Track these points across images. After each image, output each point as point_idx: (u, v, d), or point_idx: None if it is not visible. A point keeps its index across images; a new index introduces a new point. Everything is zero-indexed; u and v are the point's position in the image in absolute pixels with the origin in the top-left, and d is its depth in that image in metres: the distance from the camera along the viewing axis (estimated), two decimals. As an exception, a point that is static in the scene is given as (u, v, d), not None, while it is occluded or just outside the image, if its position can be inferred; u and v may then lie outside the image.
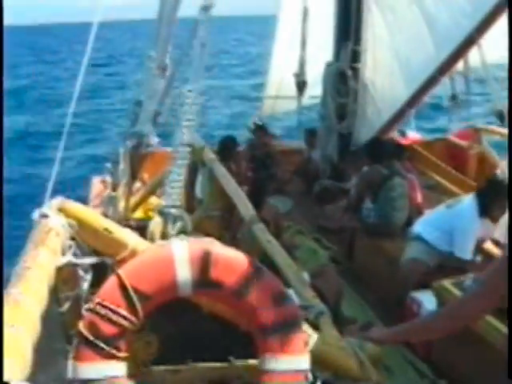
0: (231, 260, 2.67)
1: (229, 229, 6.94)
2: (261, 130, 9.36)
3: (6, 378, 1.63)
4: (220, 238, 2.92)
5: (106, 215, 5.11)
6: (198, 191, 6.65)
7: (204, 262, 2.62)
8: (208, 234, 3.08)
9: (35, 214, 2.78)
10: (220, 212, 6.92)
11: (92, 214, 2.96)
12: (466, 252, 5.23)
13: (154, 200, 7.96)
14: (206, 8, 3.76)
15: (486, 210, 5.22)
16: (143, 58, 5.93)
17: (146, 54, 5.96)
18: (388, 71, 7.63)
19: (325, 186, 7.94)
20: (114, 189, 7.10)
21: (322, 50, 8.67)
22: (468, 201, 5.36)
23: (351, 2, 7.68)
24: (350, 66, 7.81)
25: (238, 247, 2.79)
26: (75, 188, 10.15)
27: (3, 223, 3.13)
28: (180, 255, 2.59)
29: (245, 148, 9.14)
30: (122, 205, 6.50)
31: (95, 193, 8.08)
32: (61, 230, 2.67)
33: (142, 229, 3.40)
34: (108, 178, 7.99)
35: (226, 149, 7.93)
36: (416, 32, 7.11)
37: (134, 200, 6.59)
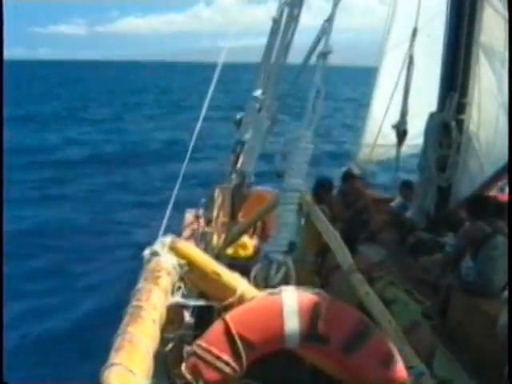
0: (341, 314, 2.58)
1: (320, 274, 6.84)
2: (353, 176, 9.25)
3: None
4: (311, 283, 2.84)
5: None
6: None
7: (313, 315, 2.55)
8: (300, 279, 3.02)
9: (146, 252, 2.77)
10: (313, 257, 6.84)
11: (202, 256, 2.93)
12: None
13: (245, 239, 7.99)
14: (323, 54, 3.73)
15: None
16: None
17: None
18: (494, 126, 7.39)
19: (420, 237, 7.71)
20: (208, 224, 7.15)
21: (424, 102, 8.53)
22: None
23: (459, 52, 7.47)
24: (455, 117, 7.58)
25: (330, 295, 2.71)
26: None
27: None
28: (289, 306, 2.54)
29: (337, 193, 9.04)
30: (214, 241, 6.51)
31: (187, 225, 8.15)
32: (171, 270, 2.64)
33: (232, 266, 3.33)
34: (201, 212, 8.08)
35: (322, 191, 7.85)
36: (528, 87, 6.87)
37: (226, 237, 6.59)
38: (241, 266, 4.80)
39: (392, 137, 9.47)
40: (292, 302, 2.53)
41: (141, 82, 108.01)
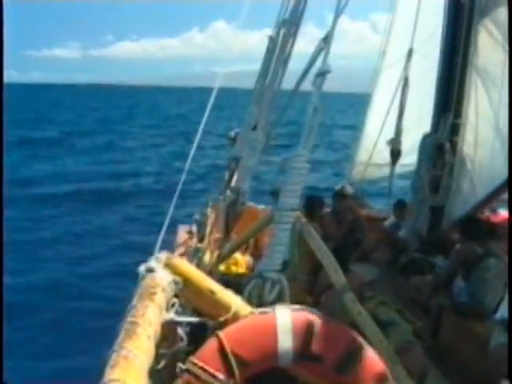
0: (334, 333, 2.60)
1: (312, 293, 6.85)
2: (345, 195, 9.27)
3: None
4: (303, 302, 2.85)
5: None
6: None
7: (307, 334, 2.56)
8: (292, 298, 3.03)
9: (142, 268, 2.78)
10: (305, 275, 6.84)
11: (197, 273, 2.95)
12: None
13: (237, 255, 8.01)
14: (321, 74, 3.76)
15: None
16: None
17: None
18: (488, 148, 7.44)
19: (412, 257, 7.74)
20: (201, 240, 7.15)
21: (418, 120, 8.60)
22: None
23: (454, 73, 7.56)
24: (449, 138, 7.64)
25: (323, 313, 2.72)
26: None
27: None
28: (283, 324, 2.55)
29: (329, 212, 9.05)
30: (207, 257, 6.52)
31: (180, 241, 8.15)
32: (166, 286, 2.66)
33: (224, 284, 3.33)
34: (194, 229, 8.08)
35: (313, 209, 7.86)
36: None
37: (218, 254, 6.60)
38: (233, 282, 4.81)
39: (386, 154, 9.51)
40: (286, 321, 2.54)
41: (138, 106, 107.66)
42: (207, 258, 6.41)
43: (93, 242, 16.33)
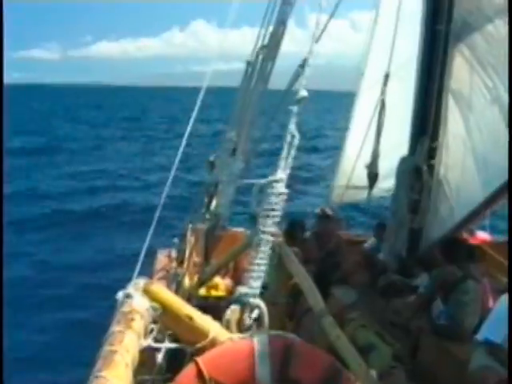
0: (312, 358, 2.62)
1: (292, 317, 6.85)
2: (328, 218, 9.30)
3: None
4: (283, 327, 2.87)
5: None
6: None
7: (284, 359, 2.58)
8: (271, 322, 3.04)
9: (120, 294, 2.79)
10: (285, 299, 6.84)
11: (175, 300, 2.96)
12: None
13: (217, 279, 7.99)
14: (298, 101, 3.80)
15: None
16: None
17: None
18: (463, 170, 7.53)
19: (391, 280, 7.77)
20: (180, 264, 7.14)
21: (395, 143, 8.67)
22: None
23: (431, 98, 7.66)
24: (426, 161, 7.72)
25: (301, 338, 2.74)
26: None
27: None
28: (260, 350, 2.57)
29: (310, 235, 9.09)
30: (186, 281, 6.51)
31: (159, 266, 8.12)
32: (144, 313, 2.67)
33: (203, 308, 3.34)
34: (174, 253, 8.07)
35: (294, 233, 7.88)
36: (495, 133, 7.03)
37: (198, 277, 6.61)
38: (212, 306, 4.81)
39: (364, 177, 9.57)
40: (263, 346, 2.56)
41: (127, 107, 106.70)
42: (187, 282, 6.41)
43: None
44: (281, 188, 3.56)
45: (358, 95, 10.35)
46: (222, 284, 8.24)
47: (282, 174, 3.58)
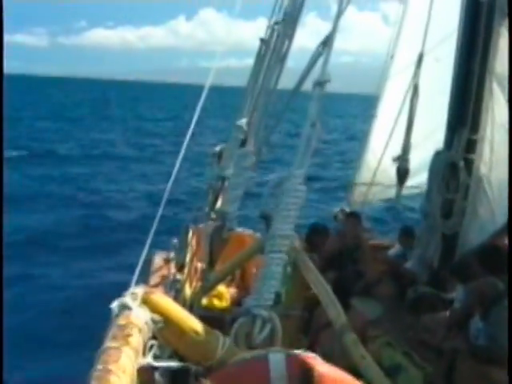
0: (335, 381, 2.61)
1: (308, 332, 6.84)
2: (353, 218, 9.25)
3: None
4: (297, 343, 2.88)
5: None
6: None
7: (303, 382, 2.57)
8: (284, 337, 3.03)
9: (115, 305, 2.77)
10: (300, 311, 6.83)
11: (180, 312, 2.94)
12: None
13: (221, 287, 8.00)
14: (319, 84, 3.80)
15: None
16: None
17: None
18: (507, 167, 7.48)
19: (422, 293, 7.74)
20: (179, 269, 7.14)
21: (428, 134, 8.64)
22: None
23: (471, 82, 7.55)
24: (464, 156, 7.68)
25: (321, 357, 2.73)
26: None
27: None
28: (277, 372, 2.55)
29: (332, 239, 9.01)
30: (187, 290, 6.50)
31: (155, 270, 8.13)
32: (144, 327, 2.66)
33: (206, 319, 3.30)
34: (172, 256, 8.06)
35: (316, 237, 7.88)
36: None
37: (201, 285, 6.60)
38: (216, 318, 4.81)
39: (391, 173, 9.50)
40: (280, 367, 2.55)
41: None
42: (187, 290, 6.40)
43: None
44: (298, 185, 3.54)
45: (387, 79, 10.30)
46: (226, 293, 8.24)
47: (299, 168, 3.57)
